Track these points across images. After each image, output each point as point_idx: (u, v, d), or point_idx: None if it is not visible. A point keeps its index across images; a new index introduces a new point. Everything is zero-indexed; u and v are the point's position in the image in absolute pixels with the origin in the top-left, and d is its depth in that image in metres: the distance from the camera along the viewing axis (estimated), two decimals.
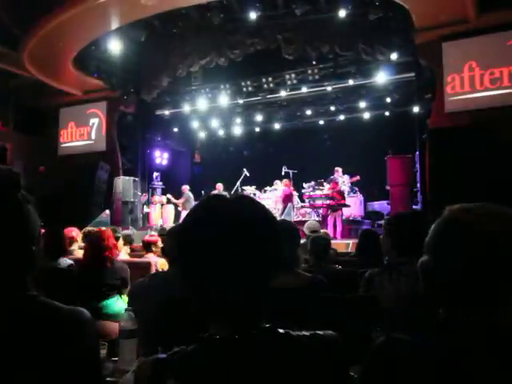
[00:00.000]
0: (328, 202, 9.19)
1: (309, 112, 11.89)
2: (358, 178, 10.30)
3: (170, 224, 9.66)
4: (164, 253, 2.42)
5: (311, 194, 9.69)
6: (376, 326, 1.87)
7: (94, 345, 1.00)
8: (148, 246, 4.37)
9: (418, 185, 8.11)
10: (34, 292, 0.96)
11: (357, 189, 10.76)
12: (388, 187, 8.91)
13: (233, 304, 0.79)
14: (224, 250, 0.78)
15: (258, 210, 0.85)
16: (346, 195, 10.16)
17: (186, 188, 10.74)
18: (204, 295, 0.81)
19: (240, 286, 0.79)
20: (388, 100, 10.78)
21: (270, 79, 10.08)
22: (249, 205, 0.85)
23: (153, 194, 11.19)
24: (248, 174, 10.94)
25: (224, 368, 0.76)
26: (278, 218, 4.88)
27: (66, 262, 3.50)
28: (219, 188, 10.70)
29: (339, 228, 8.86)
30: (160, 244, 4.11)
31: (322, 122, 12.33)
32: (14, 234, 0.95)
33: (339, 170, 10.31)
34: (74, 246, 4.36)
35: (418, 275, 0.94)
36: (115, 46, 8.08)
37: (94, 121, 10.24)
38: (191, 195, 10.56)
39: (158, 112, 11.40)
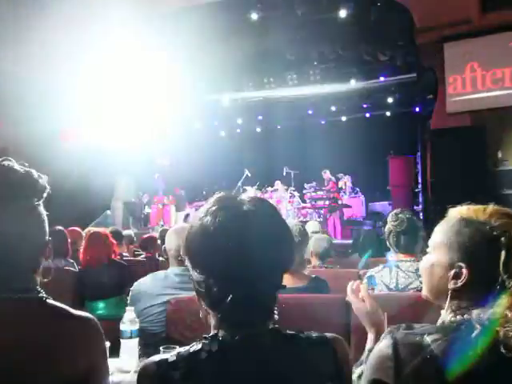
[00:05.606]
0: (328, 202, 9.20)
1: (310, 112, 11.87)
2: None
3: (170, 224, 9.65)
4: (165, 253, 2.41)
5: (312, 194, 9.69)
6: None
7: (104, 351, 1.01)
8: (147, 246, 4.37)
9: (420, 185, 8.11)
10: (43, 294, 0.95)
11: (358, 189, 10.74)
12: (389, 188, 8.91)
13: (239, 304, 0.78)
14: (236, 250, 0.77)
15: (273, 212, 0.85)
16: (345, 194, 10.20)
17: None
18: (212, 294, 0.80)
19: (249, 286, 0.78)
20: (389, 100, 10.75)
21: (271, 79, 10.07)
22: (263, 206, 0.84)
23: (154, 195, 11.18)
24: (249, 175, 10.93)
25: (228, 369, 0.76)
26: None
27: (67, 262, 3.51)
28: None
29: (338, 229, 8.84)
30: (159, 244, 4.11)
31: (323, 123, 12.31)
32: (31, 234, 0.95)
33: (327, 171, 10.08)
34: (76, 247, 4.36)
35: (416, 272, 0.94)
36: None
37: None
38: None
39: None
